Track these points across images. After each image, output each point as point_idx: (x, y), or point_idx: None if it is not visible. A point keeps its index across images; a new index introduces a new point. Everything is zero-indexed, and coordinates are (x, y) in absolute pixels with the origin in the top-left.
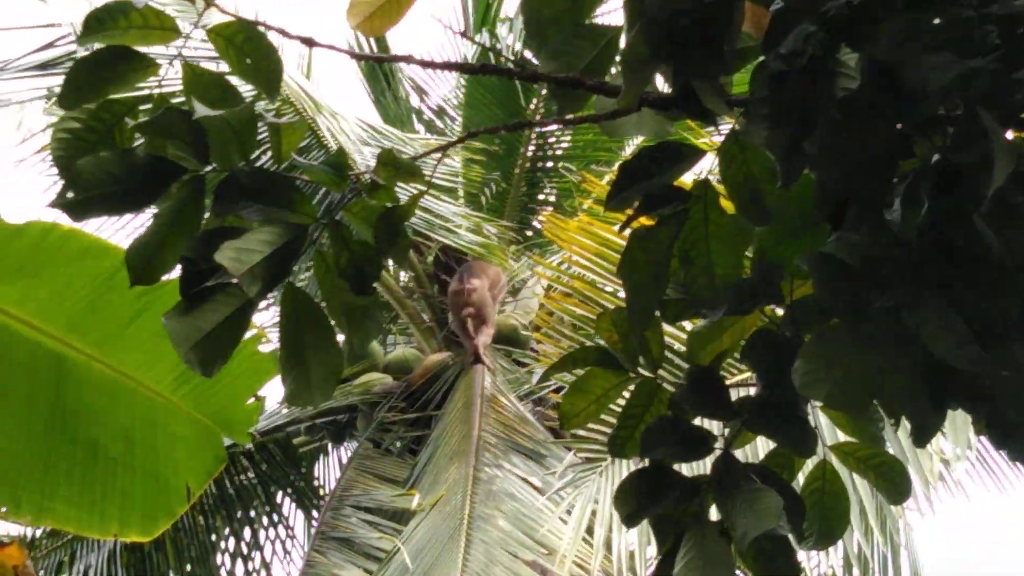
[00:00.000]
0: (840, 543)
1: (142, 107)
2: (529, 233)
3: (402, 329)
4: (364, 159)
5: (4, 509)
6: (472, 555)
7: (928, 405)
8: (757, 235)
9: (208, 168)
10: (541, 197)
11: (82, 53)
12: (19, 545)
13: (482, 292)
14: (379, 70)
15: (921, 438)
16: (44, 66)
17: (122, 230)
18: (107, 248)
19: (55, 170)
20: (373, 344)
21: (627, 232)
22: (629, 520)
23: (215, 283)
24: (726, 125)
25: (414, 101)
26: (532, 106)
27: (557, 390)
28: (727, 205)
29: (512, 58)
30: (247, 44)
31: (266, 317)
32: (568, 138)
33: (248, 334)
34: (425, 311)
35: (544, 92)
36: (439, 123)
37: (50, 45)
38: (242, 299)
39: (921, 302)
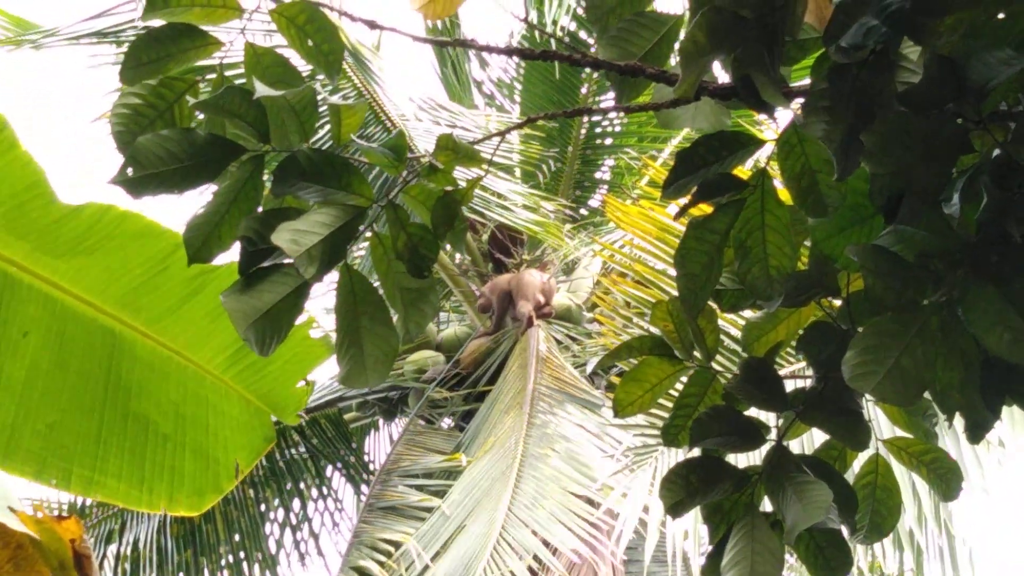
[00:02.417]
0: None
1: (203, 85)
2: (583, 212)
3: (455, 307)
4: (420, 135)
5: (54, 481)
6: (522, 489)
7: (982, 401)
8: (811, 227)
9: (267, 148)
10: (596, 176)
11: (143, 27)
12: (76, 519)
13: (515, 280)
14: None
15: (975, 434)
16: (101, 34)
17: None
18: (162, 231)
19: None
20: None
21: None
22: (674, 509)
23: (272, 263)
24: (786, 115)
25: (476, 74)
26: (585, 88)
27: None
28: (784, 196)
29: (568, 41)
30: (309, 25)
31: (316, 305)
32: (622, 117)
33: (300, 319)
34: (479, 289)
35: (597, 75)
36: (499, 96)
37: (106, 13)
38: (298, 280)
39: (977, 296)
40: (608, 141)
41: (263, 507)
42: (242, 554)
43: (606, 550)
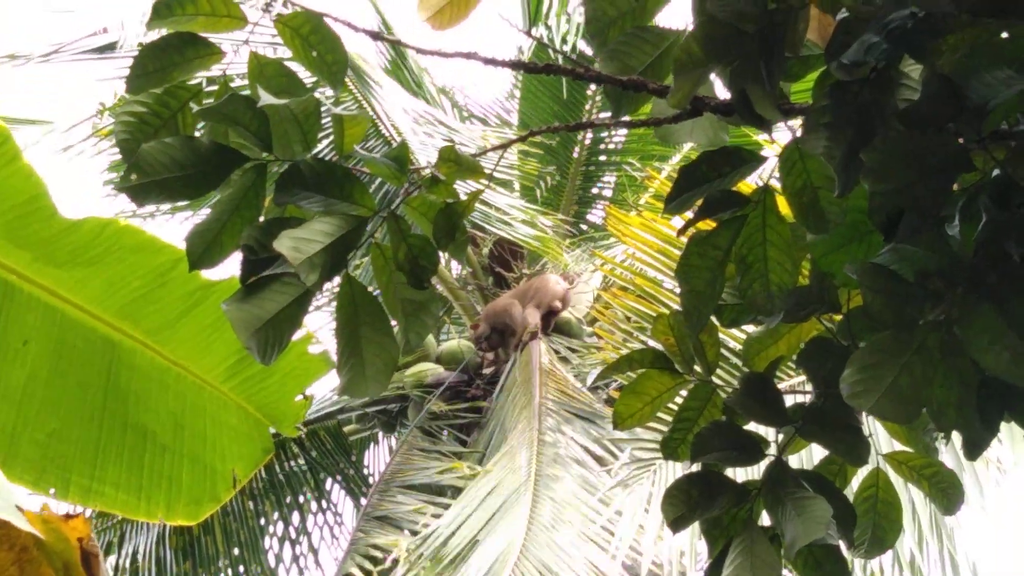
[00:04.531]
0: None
1: (206, 94)
2: (583, 227)
3: (455, 320)
4: (418, 147)
5: (53, 491)
6: (539, 510)
7: (979, 419)
8: (810, 244)
9: (270, 157)
10: (595, 191)
11: (149, 38)
12: (84, 518)
13: (535, 282)
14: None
15: (972, 451)
16: (101, 50)
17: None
18: (162, 246)
19: (114, 157)
20: None
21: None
22: (675, 524)
23: (274, 272)
24: (788, 131)
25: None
26: (589, 104)
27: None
28: (786, 212)
29: (570, 55)
30: (313, 35)
31: (319, 319)
32: (623, 132)
33: (299, 334)
34: (479, 302)
35: (600, 93)
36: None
37: (105, 30)
38: (300, 288)
39: (975, 316)
40: (609, 157)
41: (262, 520)
42: (241, 568)
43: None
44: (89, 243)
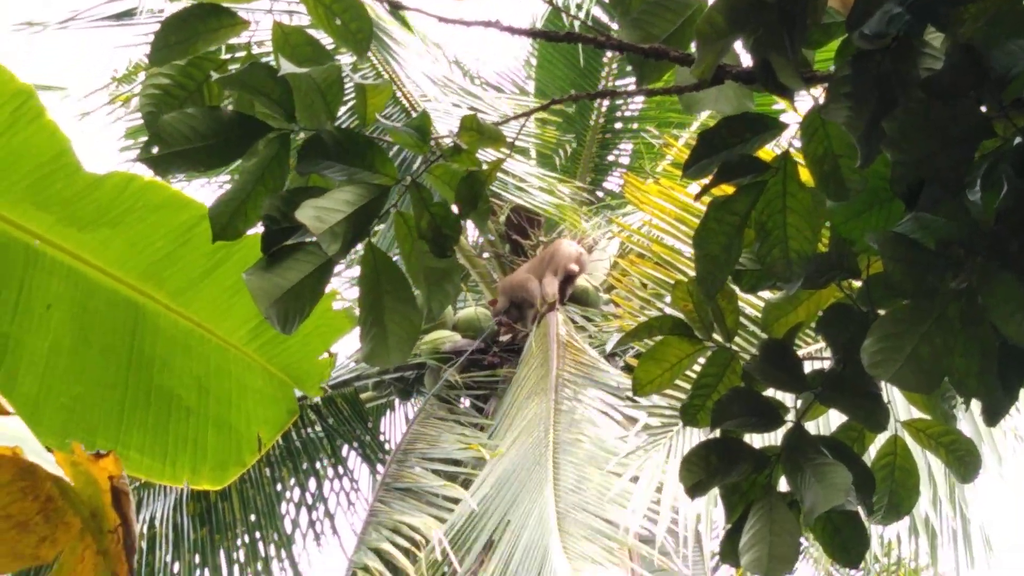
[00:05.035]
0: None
1: (232, 62)
2: (600, 194)
3: (472, 287)
4: (439, 116)
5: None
6: (562, 474)
7: (999, 386)
8: (830, 210)
9: (293, 127)
10: (612, 158)
11: (169, 6)
12: (115, 456)
13: (549, 250)
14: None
15: (992, 418)
16: (119, 16)
17: (204, 187)
18: (186, 201)
19: (131, 123)
20: None
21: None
22: (694, 490)
23: (296, 241)
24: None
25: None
26: (605, 71)
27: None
28: (806, 179)
29: (586, 22)
30: (336, 4)
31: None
32: (640, 100)
33: None
34: (496, 270)
35: (617, 60)
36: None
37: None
38: (322, 257)
39: (996, 284)
40: (627, 124)
41: (279, 486)
42: (257, 534)
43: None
44: (112, 200)
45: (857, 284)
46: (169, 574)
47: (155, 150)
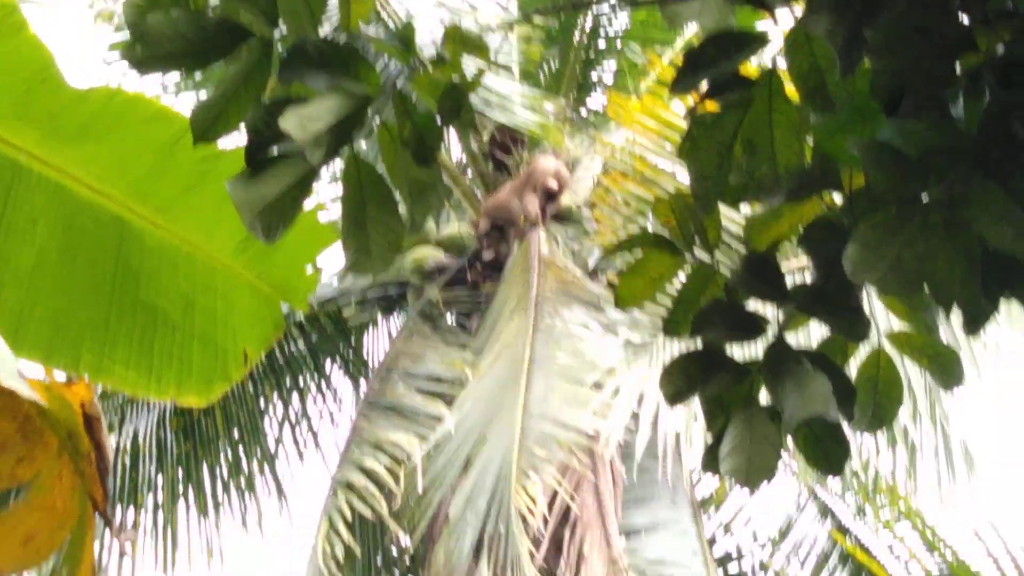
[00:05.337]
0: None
1: None
2: (584, 112)
3: (456, 205)
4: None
5: (63, 368)
6: (533, 391)
7: (981, 294)
8: (813, 126)
9: (275, 34)
10: (595, 77)
11: None
12: (86, 382)
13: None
14: None
15: (973, 327)
16: None
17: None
18: (171, 115)
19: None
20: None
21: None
22: (673, 398)
23: (279, 151)
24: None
25: None
26: None
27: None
28: (792, 94)
29: None
30: None
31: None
32: (624, 18)
33: (306, 204)
34: (479, 188)
35: None
36: None
37: None
38: (305, 166)
39: (979, 192)
40: (610, 42)
41: (262, 403)
42: (240, 449)
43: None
44: (97, 115)
45: (840, 201)
46: (153, 488)
47: (138, 50)
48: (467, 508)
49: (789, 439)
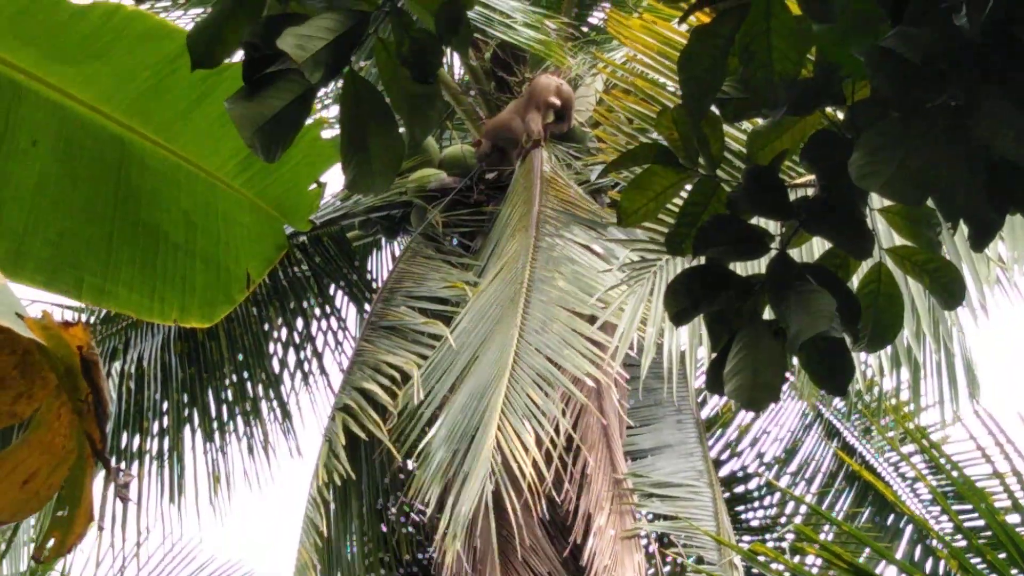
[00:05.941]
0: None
1: None
2: (585, 29)
3: (458, 125)
4: None
5: (66, 290)
6: (531, 315)
7: (987, 205)
8: (816, 35)
9: None
10: None
11: None
12: (83, 325)
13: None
14: None
15: (979, 241)
16: None
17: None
18: (171, 31)
19: None
20: (428, 140)
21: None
22: (677, 318)
23: (277, 69)
24: None
25: None
26: None
27: (614, 185)
28: (793, 5)
29: None
30: None
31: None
32: None
33: (309, 120)
34: (481, 107)
35: None
36: None
37: None
38: (304, 85)
39: (984, 98)
40: None
41: (267, 326)
42: (245, 373)
43: (611, 369)
44: (97, 32)
45: (842, 115)
46: (158, 413)
47: None
48: (451, 430)
49: (794, 359)
